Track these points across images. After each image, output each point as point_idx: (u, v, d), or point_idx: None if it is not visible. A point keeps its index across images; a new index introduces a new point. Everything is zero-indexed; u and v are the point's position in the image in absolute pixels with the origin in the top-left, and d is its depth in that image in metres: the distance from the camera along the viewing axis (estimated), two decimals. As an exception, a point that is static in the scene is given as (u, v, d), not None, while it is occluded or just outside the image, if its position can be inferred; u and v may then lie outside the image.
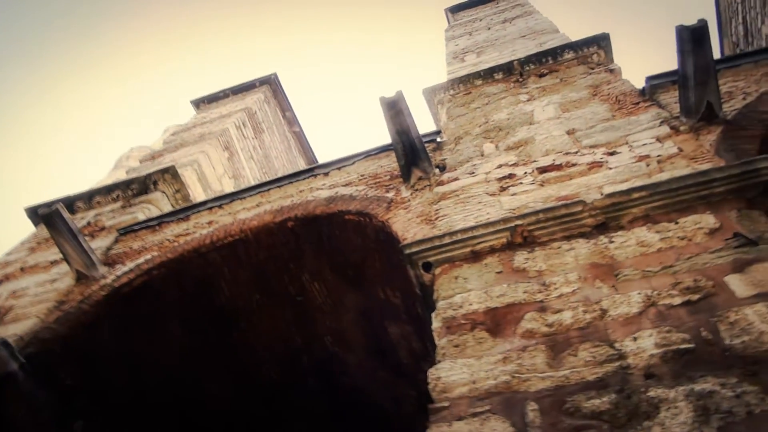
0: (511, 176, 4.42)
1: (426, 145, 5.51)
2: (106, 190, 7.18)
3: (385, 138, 5.71)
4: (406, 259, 3.86)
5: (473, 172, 4.74)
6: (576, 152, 4.43)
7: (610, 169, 4.01)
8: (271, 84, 11.93)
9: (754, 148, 3.82)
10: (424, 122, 15.86)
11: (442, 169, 5.10)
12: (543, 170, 4.33)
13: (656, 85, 5.01)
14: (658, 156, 3.93)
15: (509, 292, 3.23)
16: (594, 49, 6.47)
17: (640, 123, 4.51)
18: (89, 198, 7.09)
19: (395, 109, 4.91)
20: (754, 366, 2.36)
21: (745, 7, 12.19)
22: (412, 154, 4.99)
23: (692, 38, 4.06)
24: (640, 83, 5.30)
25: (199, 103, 11.39)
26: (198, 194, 7.64)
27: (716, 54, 4.35)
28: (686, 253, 3.05)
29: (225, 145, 9.16)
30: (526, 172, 4.40)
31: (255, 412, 6.20)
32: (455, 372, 2.85)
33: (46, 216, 5.46)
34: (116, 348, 5.36)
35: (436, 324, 3.25)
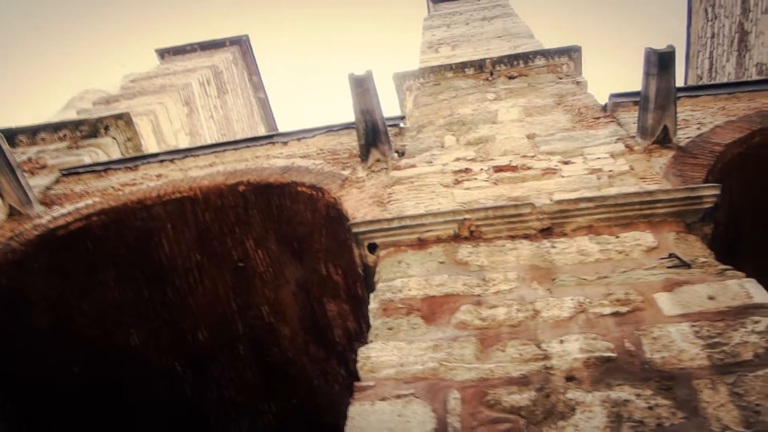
0: (467, 171, 4.46)
1: (388, 128, 5.50)
2: (53, 128, 6.90)
3: (348, 118, 5.68)
4: (352, 237, 3.86)
5: (431, 162, 4.76)
6: (533, 156, 4.51)
7: (563, 177, 4.10)
8: (241, 45, 11.67)
9: (701, 177, 3.96)
10: (388, 106, 15.84)
11: (401, 154, 5.11)
12: (499, 169, 4.39)
13: (618, 103, 5.14)
14: (610, 171, 4.04)
15: (449, 283, 3.28)
16: (565, 60, 6.58)
17: (598, 137, 4.62)
18: (33, 133, 6.80)
19: (363, 88, 4.88)
20: (670, 381, 2.47)
21: (713, 42, 12.61)
22: (374, 135, 4.98)
23: (659, 62, 4.18)
24: (603, 99, 5.43)
25: (164, 54, 11.05)
26: (151, 146, 7.44)
27: (680, 82, 4.50)
28: (622, 266, 3.15)
29: (186, 100, 8.92)
30: (482, 169, 4.45)
31: (181, 374, 6.12)
32: (385, 353, 2.88)
33: (-18, 144, 5.21)
34: (44, 292, 5.19)
35: (373, 305, 3.27)
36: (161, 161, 5.88)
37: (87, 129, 6.79)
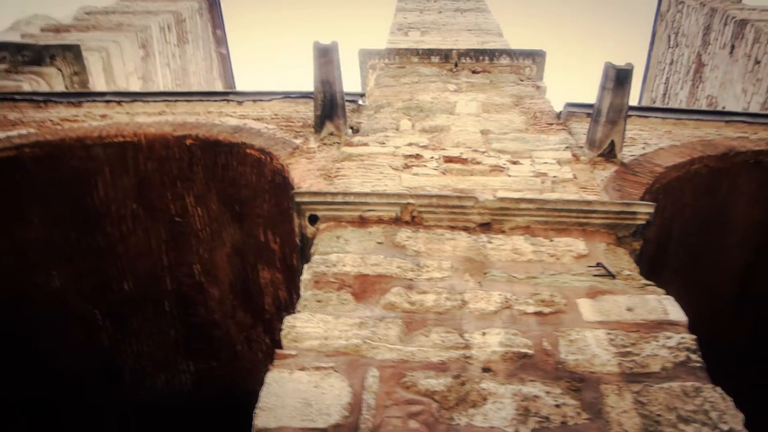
0: (417, 157, 4.48)
1: (346, 104, 5.46)
2: (-6, 48, 6.51)
3: (307, 87, 5.59)
4: (294, 206, 3.82)
5: (384, 143, 4.76)
6: (484, 152, 4.57)
7: (509, 176, 4.17)
8: (209, -5, 11.30)
9: (638, 194, 4.11)
10: (349, 82, 15.70)
11: (356, 131, 5.09)
12: (449, 160, 4.43)
13: (572, 112, 5.26)
14: (554, 177, 4.14)
15: (384, 264, 3.30)
16: (528, 62, 6.68)
17: (548, 143, 4.72)
18: (-30, 51, 6.41)
19: (326, 58, 4.81)
20: (580, 383, 2.56)
21: (671, 69, 13.04)
22: (331, 108, 4.93)
23: (616, 78, 4.29)
24: (559, 106, 5.54)
25: (126, -9, 10.57)
26: (99, 85, 7.12)
27: (634, 101, 4.64)
28: (552, 269, 3.24)
29: (143, 42, 8.58)
30: (432, 157, 4.48)
31: (100, 322, 5.96)
32: (311, 325, 2.88)
33: None
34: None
35: (306, 275, 3.26)
36: (108, 101, 5.64)
37: (30, 55, 6.43)
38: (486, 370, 2.61)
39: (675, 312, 2.91)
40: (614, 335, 2.78)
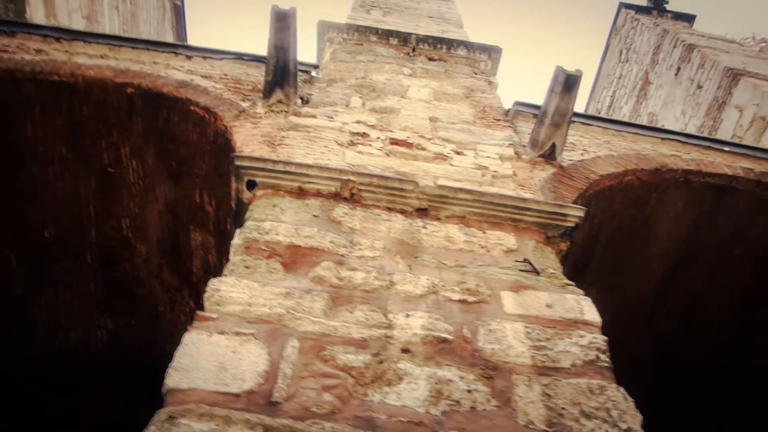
0: (364, 135, 4.46)
1: (299, 73, 5.37)
2: (-73, -35, 6.05)
3: (262, 52, 5.46)
4: (234, 170, 3.74)
5: (332, 117, 4.71)
6: (430, 139, 4.60)
7: (452, 165, 4.22)
8: (168, -57, 10.83)
9: (572, 198, 4.24)
10: (305, 52, 15.46)
11: (305, 102, 5.02)
12: (395, 142, 4.43)
13: (519, 111, 5.36)
14: (495, 171, 4.21)
15: (317, 237, 3.28)
16: (485, 57, 6.74)
17: (493, 138, 4.80)
18: None
19: (283, 23, 4.71)
20: (493, 371, 2.64)
21: (619, 83, 13.47)
22: (282, 75, 4.84)
23: (565, 82, 4.39)
24: (508, 104, 5.64)
25: (80, -75, 9.98)
26: (37, 17, 6.72)
27: (580, 108, 4.76)
28: (481, 260, 3.31)
29: (91, -19, 8.15)
30: (379, 138, 4.47)
31: (15, 267, 5.69)
32: (236, 290, 2.84)
33: None
34: None
35: (237, 240, 3.21)
36: (45, 36, 5.34)
37: (-35, -23, 6.02)
38: (405, 351, 2.65)
39: (591, 313, 3.03)
40: (531, 329, 2.87)
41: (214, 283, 2.86)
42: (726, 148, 5.51)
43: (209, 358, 2.42)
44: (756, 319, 5.58)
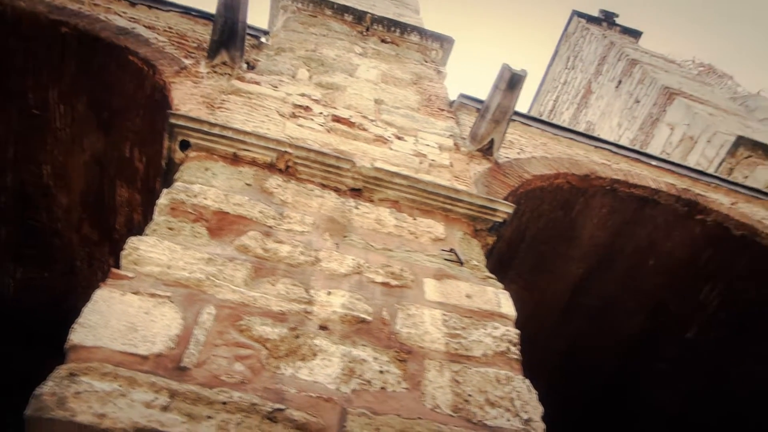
0: (307, 109, 4.41)
1: (248, 38, 5.24)
2: None
3: (212, 9, 5.28)
4: (168, 127, 3.62)
5: (276, 87, 4.63)
6: (373, 121, 4.59)
7: (391, 150, 4.23)
8: None
9: (503, 194, 4.34)
10: (256, 15, 15.13)
11: (251, 67, 4.90)
12: (337, 119, 4.40)
13: (464, 104, 5.43)
14: (432, 160, 4.26)
15: (247, 206, 3.23)
16: (436, 46, 6.77)
17: (435, 127, 4.84)
18: None
19: (235, -16, 4.57)
20: (407, 355, 2.69)
21: (563, 89, 13.83)
22: (229, 36, 4.70)
23: (510, 80, 4.47)
24: (454, 95, 5.69)
25: None
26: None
27: (523, 108, 4.87)
28: (408, 246, 3.35)
29: None
30: (322, 113, 4.43)
31: None
32: (156, 251, 2.76)
33: None
34: None
35: (163, 200, 3.11)
36: (-23, -38, 4.97)
37: None
38: (323, 327, 2.66)
39: (507, 306, 3.13)
40: (449, 317, 2.94)
41: (133, 242, 2.78)
42: (653, 162, 5.78)
43: (120, 318, 2.35)
44: (661, 327, 5.91)
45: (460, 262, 3.34)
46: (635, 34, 13.11)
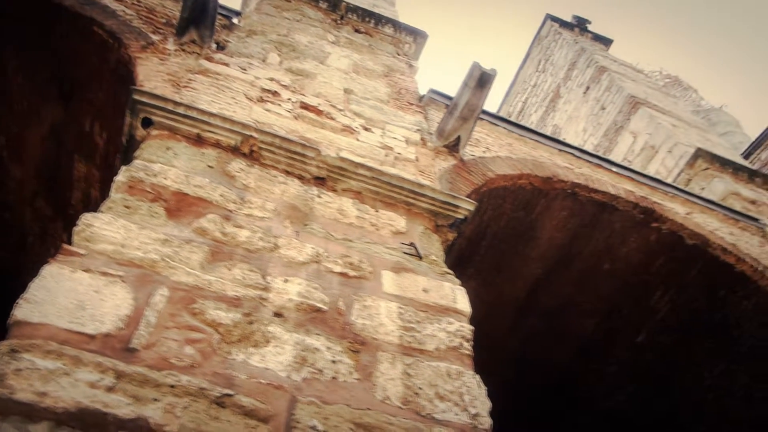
0: (275, 94, 4.36)
1: (219, 18, 5.15)
2: None
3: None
4: (130, 103, 3.54)
5: (245, 69, 4.56)
6: (341, 110, 4.57)
7: (358, 140, 4.22)
8: None
9: (466, 191, 4.38)
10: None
11: (220, 48, 4.82)
12: (305, 107, 4.36)
13: (433, 99, 5.45)
14: (398, 153, 4.26)
15: (208, 188, 3.18)
16: (410, 40, 6.77)
17: (403, 120, 4.85)
18: None
19: (208, -38, 4.48)
20: (361, 346, 2.70)
21: (533, 91, 13.99)
22: (200, 14, 4.61)
23: (479, 78, 4.50)
24: (424, 90, 5.70)
25: None
26: None
27: (493, 108, 4.90)
28: (368, 237, 3.35)
29: None
30: (290, 99, 4.39)
31: None
32: (111, 229, 2.70)
33: None
34: None
35: (121, 177, 3.04)
36: None
37: None
38: (278, 315, 2.65)
39: (463, 303, 3.16)
40: (405, 310, 2.95)
41: (87, 218, 2.71)
42: (614, 169, 5.90)
43: (68, 295, 2.29)
44: (613, 329, 6.06)
45: (419, 257, 3.36)
46: (606, 41, 13.33)
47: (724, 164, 7.63)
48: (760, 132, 13.07)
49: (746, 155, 12.68)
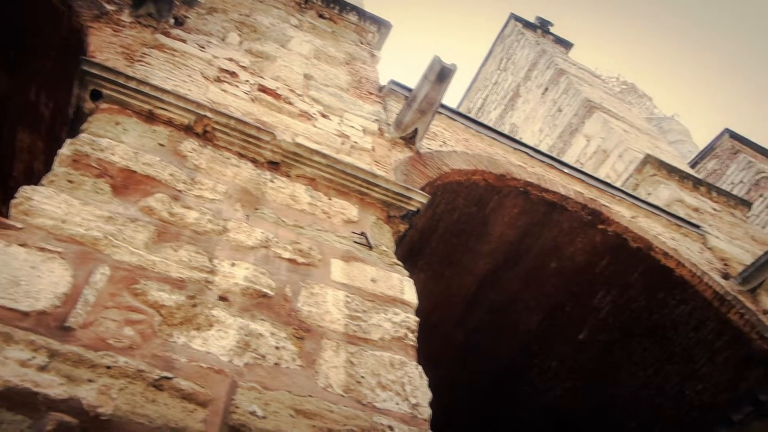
0: (233, 75, 4.29)
1: (179, -8, 5.01)
2: None
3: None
4: (79, 74, 3.42)
5: (204, 47, 4.46)
6: (300, 95, 4.52)
7: (315, 127, 4.19)
8: None
9: (421, 184, 4.41)
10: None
11: (179, 23, 4.69)
12: (263, 90, 4.30)
13: (393, 90, 5.45)
14: (355, 142, 4.25)
15: (157, 166, 3.11)
16: (374, 29, 6.74)
17: (362, 110, 4.83)
18: None
19: (169, -66, 4.35)
20: (306, 333, 2.69)
21: (493, 89, 14.15)
22: (158, -12, 4.47)
23: (439, 73, 4.52)
24: (385, 80, 5.69)
25: None
26: None
27: (453, 103, 4.93)
28: (319, 225, 3.34)
29: None
30: (248, 81, 4.32)
31: None
32: (51, 203, 2.61)
33: None
34: None
35: (65, 150, 2.94)
36: None
37: None
38: (223, 299, 2.62)
39: (410, 294, 3.19)
40: (352, 299, 2.96)
41: (26, 190, 2.62)
42: (566, 170, 6.03)
43: (1, 269, 2.21)
44: (557, 326, 6.22)
45: (370, 246, 3.37)
46: (567, 44, 13.58)
47: (671, 171, 7.89)
48: (708, 142, 13.57)
49: (693, 164, 13.14)
